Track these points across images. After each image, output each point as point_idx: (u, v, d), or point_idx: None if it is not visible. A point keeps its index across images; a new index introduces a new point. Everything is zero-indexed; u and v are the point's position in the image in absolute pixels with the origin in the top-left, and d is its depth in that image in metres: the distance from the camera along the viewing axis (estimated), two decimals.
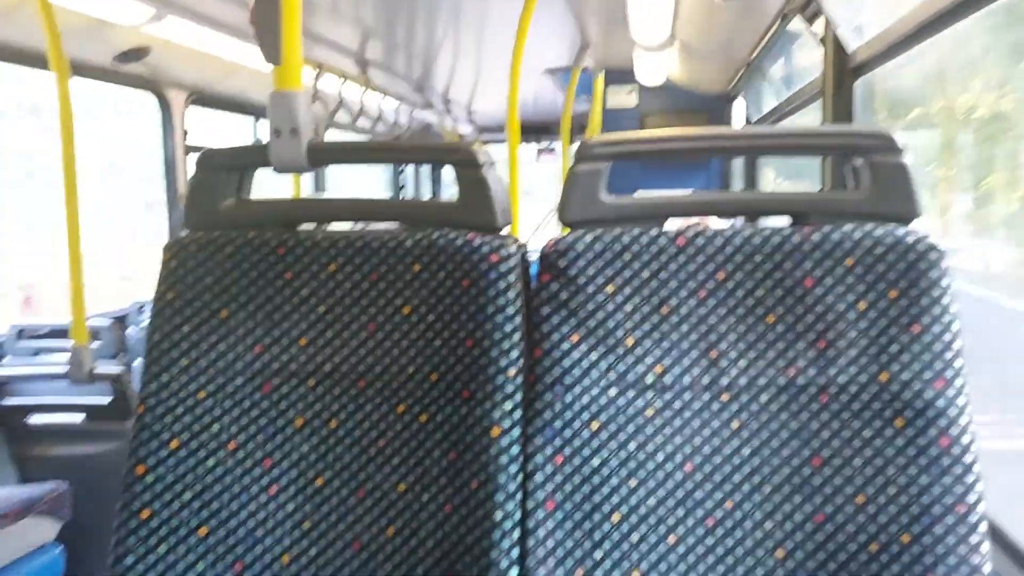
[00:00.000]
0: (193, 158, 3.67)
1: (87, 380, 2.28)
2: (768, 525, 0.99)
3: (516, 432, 1.02)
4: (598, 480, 1.01)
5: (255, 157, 1.13)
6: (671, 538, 1.00)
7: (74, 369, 2.28)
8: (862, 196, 1.04)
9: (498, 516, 1.00)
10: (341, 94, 4.18)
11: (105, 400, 2.34)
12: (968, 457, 0.96)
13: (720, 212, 1.12)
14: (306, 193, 4.87)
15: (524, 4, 2.27)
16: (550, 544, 1.00)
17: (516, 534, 1.00)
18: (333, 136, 5.61)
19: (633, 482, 1.01)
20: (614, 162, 1.08)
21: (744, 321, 1.02)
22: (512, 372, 1.04)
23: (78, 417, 2.36)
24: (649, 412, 1.02)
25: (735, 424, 1.01)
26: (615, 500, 1.01)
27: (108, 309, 3.70)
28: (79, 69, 2.77)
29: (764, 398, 1.01)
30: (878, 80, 2.23)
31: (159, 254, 1.13)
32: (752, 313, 1.02)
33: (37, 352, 2.94)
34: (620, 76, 4.84)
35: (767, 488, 1.00)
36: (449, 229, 1.09)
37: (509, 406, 1.03)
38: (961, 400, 0.97)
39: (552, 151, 7.34)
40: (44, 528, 2.03)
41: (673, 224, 1.08)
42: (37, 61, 2.58)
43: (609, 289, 1.04)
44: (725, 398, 1.01)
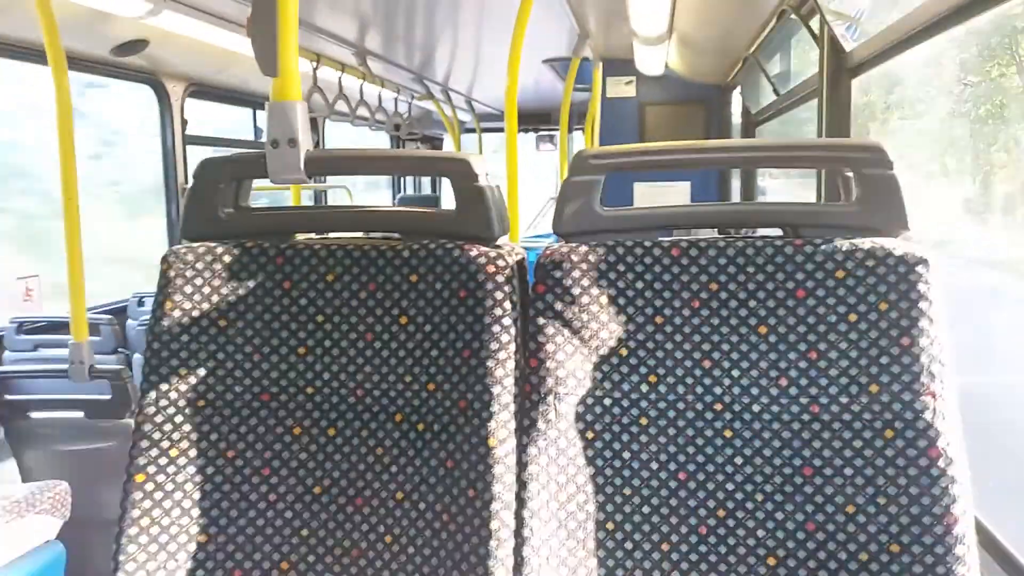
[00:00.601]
0: (191, 149, 3.68)
1: (87, 377, 2.29)
2: (760, 533, 1.00)
3: (512, 442, 1.04)
4: (593, 489, 1.03)
5: (253, 167, 1.14)
6: (665, 546, 1.01)
7: (74, 366, 2.29)
8: (853, 208, 1.05)
9: (495, 525, 1.01)
10: (341, 84, 4.17)
11: (105, 396, 2.35)
12: (956, 468, 0.97)
13: (713, 224, 1.13)
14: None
15: None
16: (545, 553, 1.01)
17: (512, 543, 1.02)
18: (332, 126, 5.60)
19: (628, 491, 1.02)
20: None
21: (737, 332, 1.03)
22: (508, 382, 1.05)
23: (78, 414, 2.37)
24: (644, 421, 1.03)
25: (728, 433, 1.02)
26: (610, 508, 1.02)
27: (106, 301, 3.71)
28: (76, 62, 2.76)
29: (756, 408, 1.02)
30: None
31: None
32: (745, 324, 1.03)
33: (37, 347, 2.95)
34: (619, 66, 4.84)
35: (759, 497, 1.01)
36: (446, 240, 1.10)
37: (505, 416, 1.04)
38: (950, 412, 0.98)
39: (551, 140, 7.34)
40: (45, 526, 2.04)
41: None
42: (34, 55, 2.58)
43: (604, 300, 1.05)
44: (718, 408, 1.02)
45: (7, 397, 2.42)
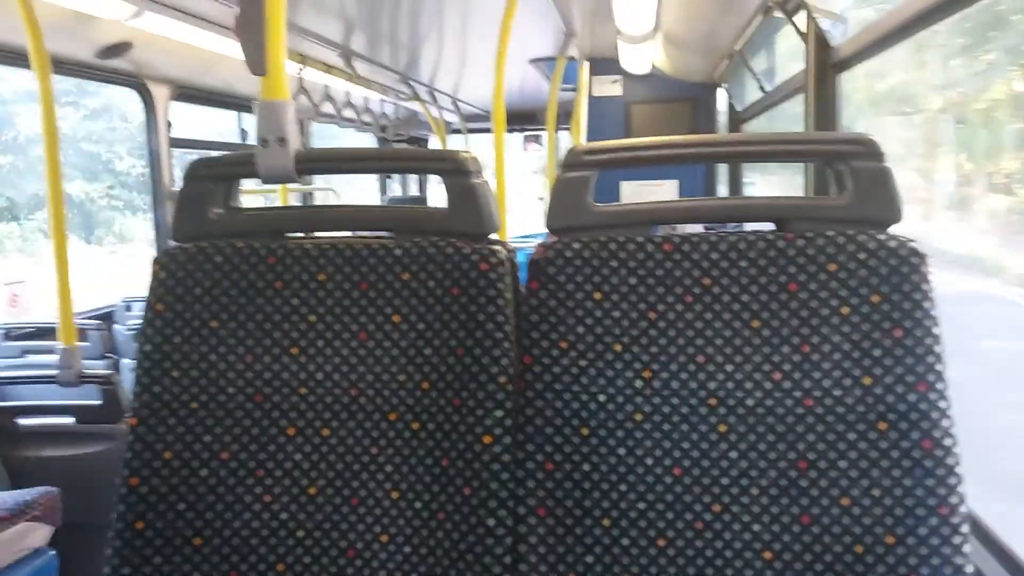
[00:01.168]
0: (177, 152, 3.65)
1: (76, 382, 2.28)
2: (756, 527, 1.01)
3: (507, 439, 1.04)
4: (588, 485, 1.03)
5: (243, 167, 1.13)
6: (661, 541, 1.02)
7: (63, 371, 2.28)
8: (845, 201, 1.05)
9: (491, 522, 1.01)
10: (327, 86, 4.16)
11: (95, 402, 2.34)
12: (950, 460, 0.98)
13: (705, 218, 1.14)
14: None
15: None
16: (542, 549, 1.01)
17: (508, 540, 1.02)
18: (317, 133, 5.58)
19: (623, 487, 1.03)
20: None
21: (730, 326, 1.04)
22: (503, 379, 1.05)
23: (68, 419, 2.36)
24: (638, 417, 1.03)
25: (722, 428, 1.02)
26: (605, 505, 1.03)
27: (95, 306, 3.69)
28: (60, 66, 2.74)
29: (750, 402, 1.02)
30: None
31: None
32: (738, 318, 1.04)
33: (24, 353, 2.93)
34: (605, 65, 4.85)
35: (754, 490, 1.01)
36: (439, 237, 1.10)
37: (500, 413, 1.04)
38: (943, 403, 0.99)
39: (537, 139, 7.34)
40: (37, 533, 2.02)
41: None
42: (17, 58, 2.55)
43: (597, 296, 1.05)
44: (712, 402, 1.03)
45: None
